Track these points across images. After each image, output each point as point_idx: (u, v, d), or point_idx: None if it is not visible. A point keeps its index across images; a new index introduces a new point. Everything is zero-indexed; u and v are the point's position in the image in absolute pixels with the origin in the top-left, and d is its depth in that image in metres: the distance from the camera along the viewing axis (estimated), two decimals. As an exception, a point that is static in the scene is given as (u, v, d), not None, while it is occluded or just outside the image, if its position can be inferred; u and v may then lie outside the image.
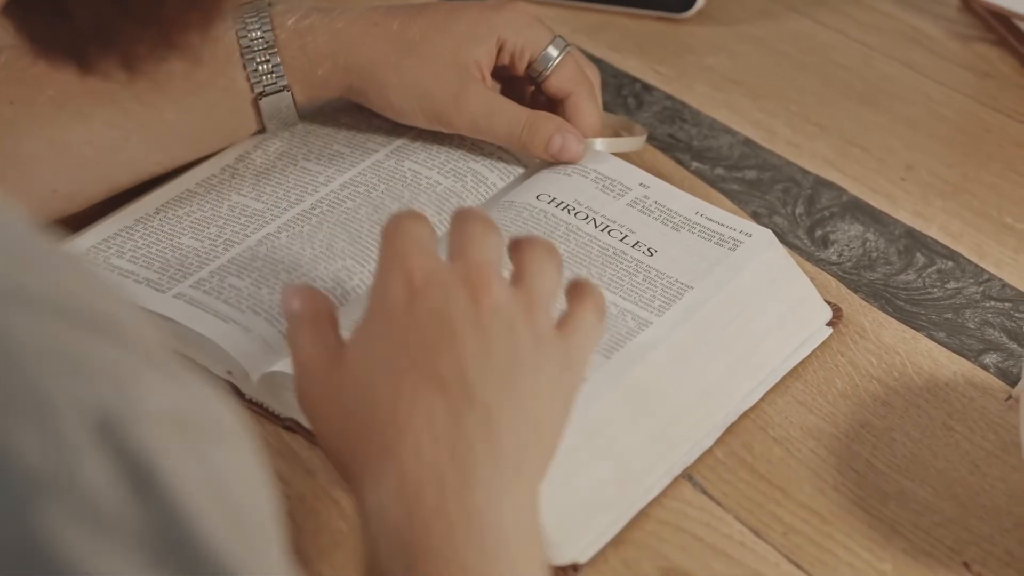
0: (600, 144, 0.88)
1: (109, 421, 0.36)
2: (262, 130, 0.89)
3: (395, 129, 0.91)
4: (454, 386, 0.59)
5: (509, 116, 0.86)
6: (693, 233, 0.82)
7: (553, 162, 0.87)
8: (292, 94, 0.87)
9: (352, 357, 0.62)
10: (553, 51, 0.88)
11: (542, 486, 0.61)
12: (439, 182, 0.87)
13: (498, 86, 0.91)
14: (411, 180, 0.87)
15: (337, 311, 0.65)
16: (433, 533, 0.56)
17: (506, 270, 0.64)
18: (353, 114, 0.93)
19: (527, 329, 0.61)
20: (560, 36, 0.88)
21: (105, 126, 0.83)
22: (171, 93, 0.84)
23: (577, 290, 0.66)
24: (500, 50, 0.88)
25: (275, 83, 0.86)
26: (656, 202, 0.84)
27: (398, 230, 0.64)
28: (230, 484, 0.39)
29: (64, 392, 0.36)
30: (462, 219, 0.65)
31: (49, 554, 0.34)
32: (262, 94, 0.86)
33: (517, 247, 0.65)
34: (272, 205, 0.86)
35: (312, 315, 0.64)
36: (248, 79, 0.86)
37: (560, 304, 0.65)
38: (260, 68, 0.85)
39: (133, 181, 0.87)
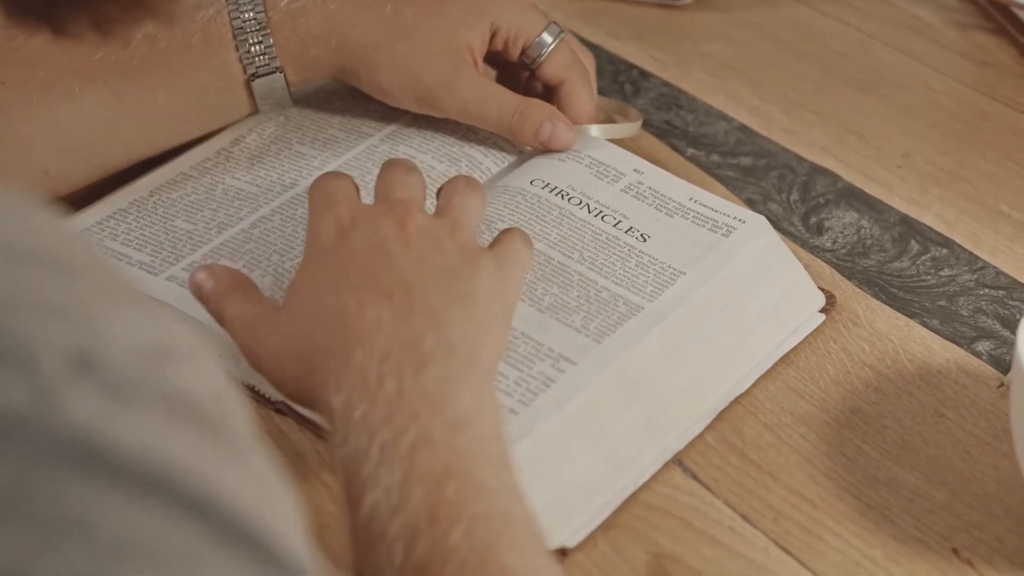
0: (595, 130, 0.88)
1: (86, 358, 0.36)
2: (255, 112, 0.89)
3: (390, 114, 0.91)
4: (397, 293, 0.64)
5: (500, 102, 0.86)
6: (687, 219, 0.82)
7: (543, 150, 0.87)
8: (285, 75, 0.87)
9: (295, 292, 0.67)
10: (547, 37, 0.88)
11: (493, 385, 0.66)
12: (434, 166, 0.87)
13: (492, 73, 0.91)
14: (405, 164, 0.87)
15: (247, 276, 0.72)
16: (399, 415, 0.60)
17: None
18: (348, 99, 0.92)
19: (453, 245, 0.68)
20: (555, 22, 0.88)
21: (96, 106, 0.83)
22: (163, 74, 0.84)
23: (507, 228, 0.74)
24: (494, 36, 0.88)
25: (267, 64, 0.86)
26: (650, 188, 0.84)
27: (322, 184, 0.72)
28: (204, 402, 0.39)
29: (39, 334, 0.36)
30: (386, 166, 0.74)
31: (35, 491, 0.34)
32: (255, 75, 0.86)
33: (444, 185, 0.74)
34: (266, 189, 0.86)
35: (233, 283, 0.70)
36: (240, 60, 0.85)
37: None
38: (253, 49, 0.85)
39: (125, 163, 0.86)
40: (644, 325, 0.75)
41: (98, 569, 0.34)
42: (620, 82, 1.00)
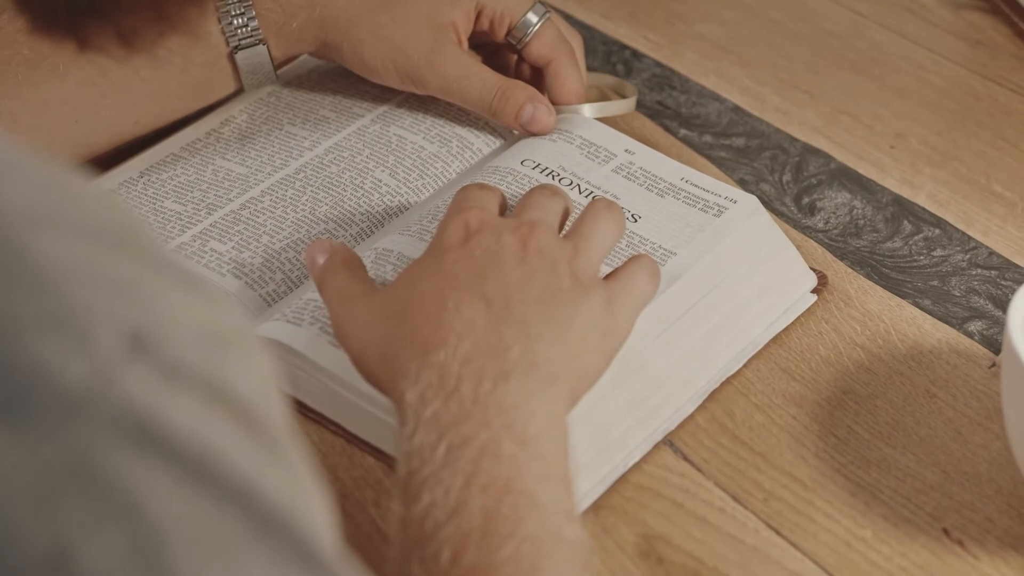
0: (588, 110, 0.88)
1: (142, 336, 0.36)
2: (240, 89, 0.88)
3: (381, 95, 0.90)
4: (497, 301, 0.64)
5: (482, 81, 0.86)
6: (678, 199, 0.81)
7: (523, 132, 0.86)
8: (268, 48, 0.86)
9: (402, 278, 0.67)
10: (533, 17, 0.87)
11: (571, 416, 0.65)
12: (424, 147, 0.87)
13: (478, 57, 0.91)
14: (396, 145, 0.87)
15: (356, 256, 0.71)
16: (470, 421, 0.59)
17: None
18: (339, 80, 0.92)
19: (568, 272, 0.67)
20: (540, 2, 0.88)
21: (80, 84, 0.83)
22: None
23: (636, 255, 0.72)
24: (479, 16, 0.87)
25: (250, 36, 0.85)
26: (641, 168, 0.83)
27: (468, 190, 0.72)
28: (251, 395, 0.39)
29: (97, 310, 0.36)
30: (533, 189, 0.74)
31: (92, 468, 0.34)
32: (237, 47, 0.85)
33: (584, 212, 0.73)
34: (256, 170, 0.86)
35: (346, 259, 0.70)
36: (223, 32, 0.85)
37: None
38: (235, 22, 0.85)
39: (112, 142, 0.86)
40: (636, 305, 0.75)
41: (141, 552, 0.34)
42: (613, 62, 0.99)
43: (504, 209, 0.74)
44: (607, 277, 0.70)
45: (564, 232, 0.72)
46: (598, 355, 0.67)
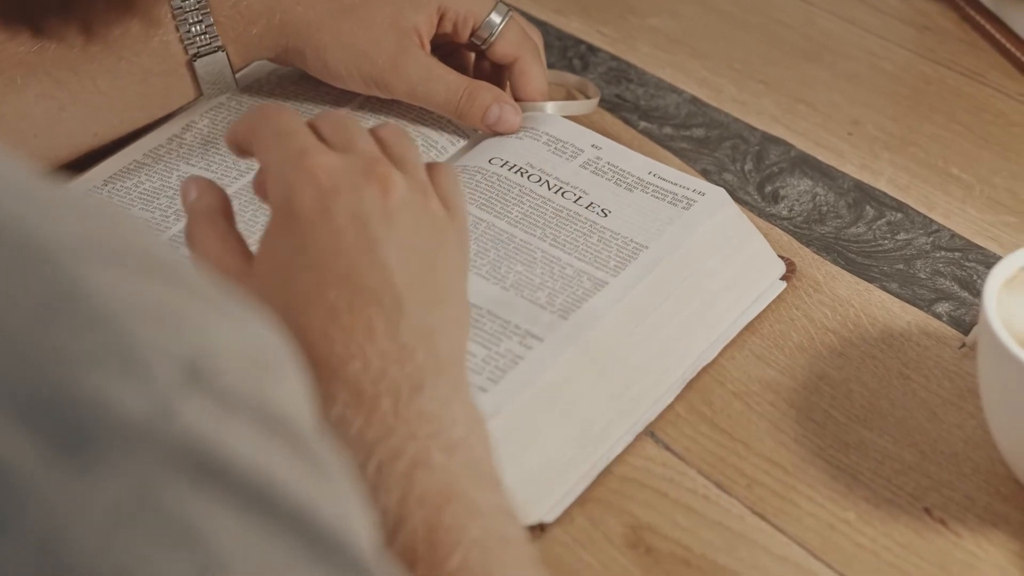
0: (551, 107, 0.88)
1: (197, 366, 0.36)
2: (200, 96, 0.88)
3: (342, 96, 0.90)
4: (386, 297, 0.59)
5: (448, 83, 0.86)
6: (646, 193, 0.82)
7: (489, 133, 0.86)
8: (227, 55, 0.86)
9: (268, 263, 0.61)
10: (496, 17, 0.88)
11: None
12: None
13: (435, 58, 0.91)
14: (361, 146, 0.87)
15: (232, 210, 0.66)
16: (396, 435, 0.57)
17: None
18: (299, 83, 0.92)
19: (427, 217, 0.62)
20: (502, 1, 0.88)
21: (39, 98, 0.82)
22: (104, 61, 0.83)
23: (434, 168, 0.66)
24: (442, 19, 0.87)
25: (209, 44, 0.85)
26: (608, 163, 0.84)
27: (273, 120, 0.63)
28: (296, 417, 0.39)
29: (152, 342, 0.36)
30: (325, 115, 0.65)
31: (155, 500, 0.34)
32: (196, 55, 0.85)
33: (377, 136, 0.65)
34: (222, 174, 0.85)
35: (206, 208, 0.64)
36: (181, 40, 0.84)
37: None
38: (193, 29, 0.84)
39: (72, 154, 0.85)
40: (609, 300, 0.76)
41: None
42: (569, 57, 1.00)
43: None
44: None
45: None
46: (466, 305, 0.65)
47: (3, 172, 0.38)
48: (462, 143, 0.89)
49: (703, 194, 0.82)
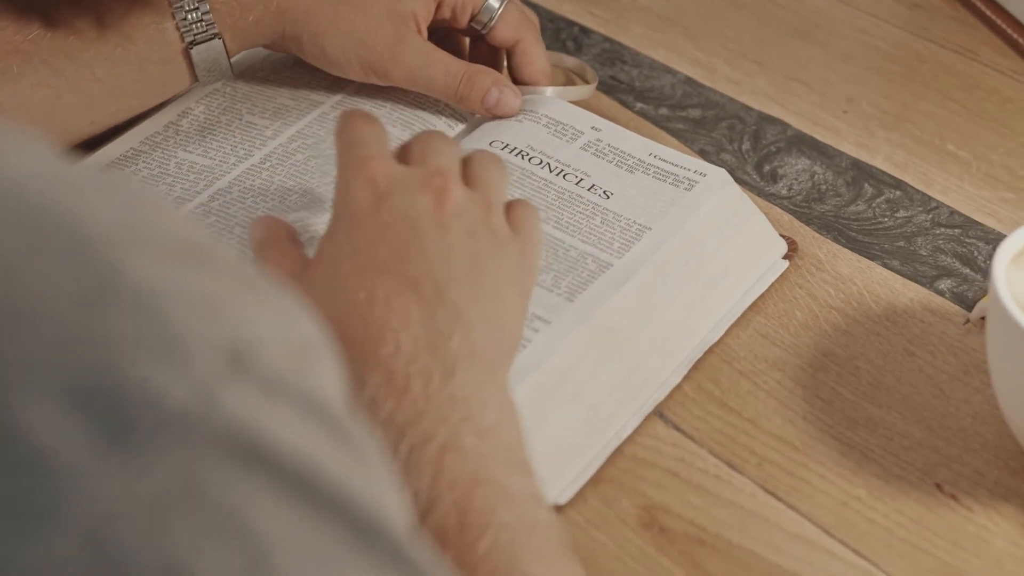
0: (551, 92, 0.88)
1: (239, 352, 0.36)
2: (196, 83, 0.87)
3: (337, 81, 0.90)
4: (426, 286, 0.61)
5: (446, 68, 0.86)
6: (647, 174, 0.82)
7: (489, 116, 0.86)
8: (224, 42, 0.85)
9: (319, 259, 0.64)
10: (494, 2, 0.87)
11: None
12: (388, 131, 0.86)
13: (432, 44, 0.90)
14: (359, 131, 0.86)
15: (298, 235, 0.69)
16: (427, 418, 0.58)
17: None
18: (295, 68, 0.92)
19: (486, 231, 0.65)
20: None
21: (35, 87, 0.82)
22: (101, 48, 0.82)
23: (516, 201, 0.69)
24: (440, 5, 0.87)
25: (205, 31, 0.84)
26: (609, 145, 0.84)
27: (353, 131, 0.67)
28: (334, 402, 0.39)
29: (195, 329, 0.36)
30: (422, 133, 0.70)
31: (201, 488, 0.34)
32: (192, 43, 0.85)
33: (468, 158, 0.69)
34: (220, 161, 0.85)
35: (273, 237, 0.68)
36: (177, 28, 0.84)
37: None
38: (189, 16, 0.84)
39: (68, 143, 0.85)
40: (614, 281, 0.76)
41: (252, 569, 0.34)
42: (562, 39, 1.00)
43: (386, 132, 0.70)
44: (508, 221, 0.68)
45: None
46: (520, 318, 0.66)
47: (36, 158, 0.38)
48: (460, 127, 0.89)
49: (704, 175, 0.82)
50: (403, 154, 0.68)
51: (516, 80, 0.88)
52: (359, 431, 0.40)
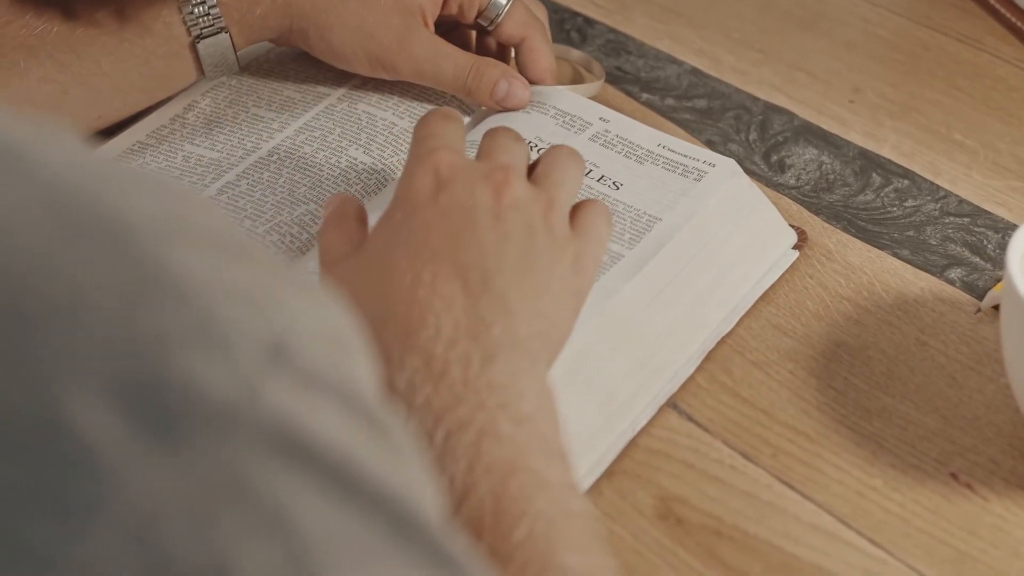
0: (562, 91, 0.88)
1: (280, 346, 0.36)
2: (202, 78, 0.87)
3: (343, 74, 0.90)
4: (473, 274, 0.61)
5: (455, 61, 0.85)
6: (657, 165, 0.82)
7: (498, 109, 0.86)
8: (230, 36, 0.85)
9: (374, 240, 0.65)
10: None
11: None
12: (395, 123, 0.86)
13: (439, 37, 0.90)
14: (367, 123, 0.86)
15: (366, 215, 0.69)
16: (465, 404, 0.58)
17: None
18: (300, 60, 0.91)
19: (543, 228, 0.65)
20: None
21: (41, 81, 0.81)
22: (107, 43, 0.82)
23: (588, 201, 0.69)
24: (447, 1, 0.87)
25: (212, 25, 0.84)
26: (617, 136, 0.84)
27: (428, 126, 0.68)
28: (369, 395, 0.39)
29: (237, 322, 0.35)
30: (493, 130, 0.70)
31: (245, 482, 0.34)
32: (199, 37, 0.84)
33: (544, 155, 0.70)
34: (228, 154, 0.85)
35: (337, 213, 0.68)
36: (184, 22, 0.84)
37: None
38: (196, 10, 0.83)
39: None
40: (626, 272, 0.76)
41: (294, 563, 0.34)
42: (566, 30, 1.00)
43: (463, 130, 0.71)
44: (571, 224, 0.68)
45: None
46: (569, 317, 0.66)
47: (74, 151, 0.38)
48: (466, 120, 0.88)
49: (713, 165, 0.82)
50: (477, 152, 0.70)
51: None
52: (394, 423, 0.40)
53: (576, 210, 0.68)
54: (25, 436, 0.32)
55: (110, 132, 0.86)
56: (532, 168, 0.69)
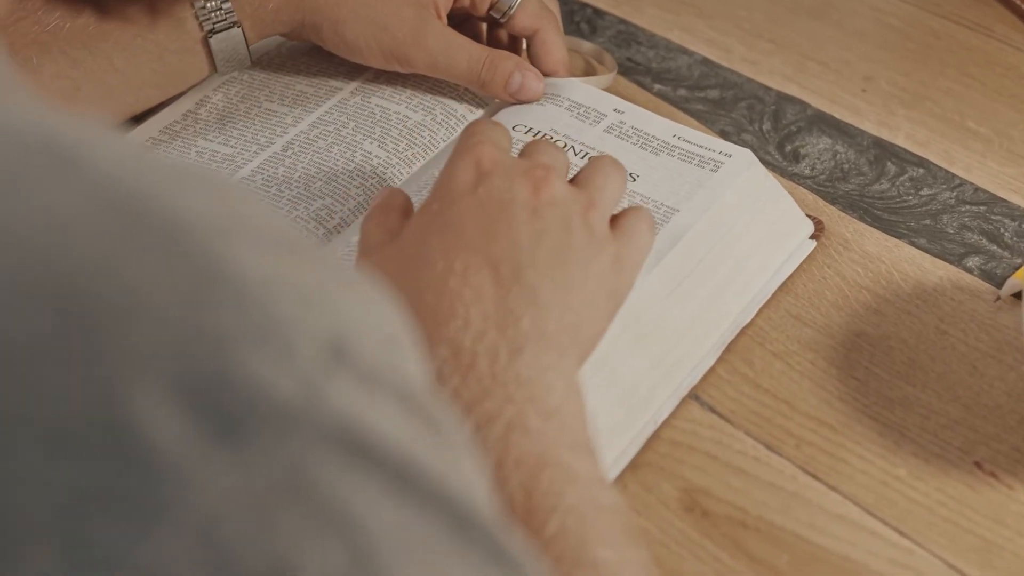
0: (575, 82, 0.88)
1: (340, 344, 0.36)
2: (214, 73, 0.87)
3: (355, 67, 0.89)
4: (504, 266, 0.61)
5: (469, 53, 0.85)
6: (672, 156, 0.82)
7: (512, 101, 0.86)
8: (243, 31, 0.85)
9: (410, 229, 0.65)
10: None
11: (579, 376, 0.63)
12: (409, 116, 0.86)
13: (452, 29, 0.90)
14: (380, 116, 0.86)
15: (411, 208, 0.70)
16: (492, 397, 0.58)
17: None
18: (311, 54, 0.91)
19: (581, 225, 0.65)
20: None
21: (54, 78, 0.81)
22: (119, 38, 0.82)
23: (632, 207, 0.70)
24: None
25: (224, 19, 0.84)
26: (632, 127, 0.84)
27: (476, 125, 0.69)
28: (423, 392, 0.39)
29: (297, 321, 0.35)
30: (534, 141, 0.71)
31: (309, 482, 0.34)
32: (212, 31, 0.84)
33: (590, 162, 0.70)
34: (242, 149, 0.84)
35: (382, 204, 0.69)
36: (196, 16, 0.83)
37: None
38: (209, 5, 0.83)
39: None
40: (645, 265, 0.75)
41: (358, 563, 0.33)
42: (576, 21, 1.00)
43: (510, 138, 0.72)
44: (612, 228, 0.68)
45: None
46: (603, 317, 0.66)
47: (126, 149, 0.38)
48: (479, 112, 0.88)
49: (729, 156, 0.81)
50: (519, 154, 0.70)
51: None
52: (447, 419, 0.39)
53: (619, 215, 0.68)
54: (89, 437, 0.32)
55: (123, 126, 0.86)
56: (575, 178, 0.69)
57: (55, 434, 0.32)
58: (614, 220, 0.68)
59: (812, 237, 0.82)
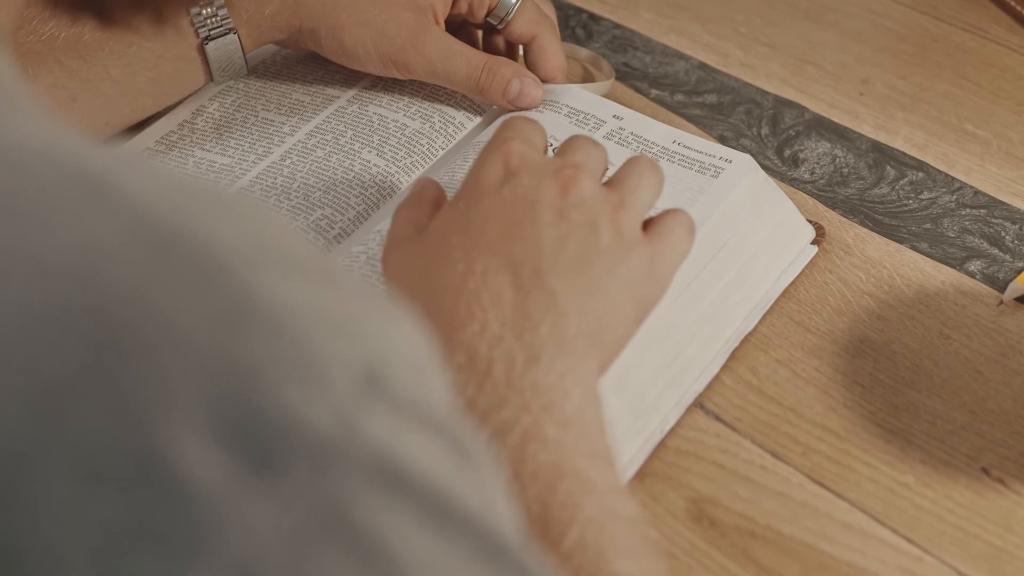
0: (573, 89, 0.87)
1: (373, 374, 0.35)
2: (210, 82, 0.86)
3: (351, 75, 0.89)
4: (525, 269, 0.60)
5: (467, 60, 0.85)
6: (673, 162, 0.82)
7: (510, 108, 0.86)
8: (239, 37, 0.84)
9: (435, 226, 0.64)
10: None
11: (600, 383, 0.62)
12: (407, 124, 0.86)
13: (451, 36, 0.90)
14: (378, 124, 0.86)
15: (444, 197, 0.68)
16: (508, 406, 0.57)
17: None
18: (307, 63, 0.91)
19: (609, 227, 0.63)
20: None
21: (50, 88, 0.80)
22: (115, 47, 0.81)
23: (671, 209, 0.68)
24: (456, 0, 0.86)
25: (220, 26, 0.83)
26: (632, 133, 0.83)
27: (511, 121, 0.68)
28: (450, 417, 0.38)
29: (330, 351, 0.34)
30: (573, 136, 0.69)
31: (345, 516, 0.33)
32: (208, 38, 0.83)
33: (626, 162, 0.69)
34: (240, 159, 0.84)
35: (414, 196, 0.67)
36: (192, 23, 0.83)
37: None
38: (204, 12, 0.83)
39: None
40: (647, 271, 0.75)
41: None
42: (571, 27, 0.99)
43: (546, 150, 0.70)
44: (646, 231, 0.66)
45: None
46: (629, 322, 0.64)
47: (154, 177, 0.37)
48: (477, 120, 0.88)
49: (730, 161, 0.81)
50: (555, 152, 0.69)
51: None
52: (474, 444, 0.39)
53: (656, 217, 0.67)
54: (122, 471, 0.31)
55: (117, 139, 0.85)
56: (611, 179, 0.68)
57: (89, 468, 0.31)
58: (650, 222, 0.67)
59: (813, 243, 0.82)
